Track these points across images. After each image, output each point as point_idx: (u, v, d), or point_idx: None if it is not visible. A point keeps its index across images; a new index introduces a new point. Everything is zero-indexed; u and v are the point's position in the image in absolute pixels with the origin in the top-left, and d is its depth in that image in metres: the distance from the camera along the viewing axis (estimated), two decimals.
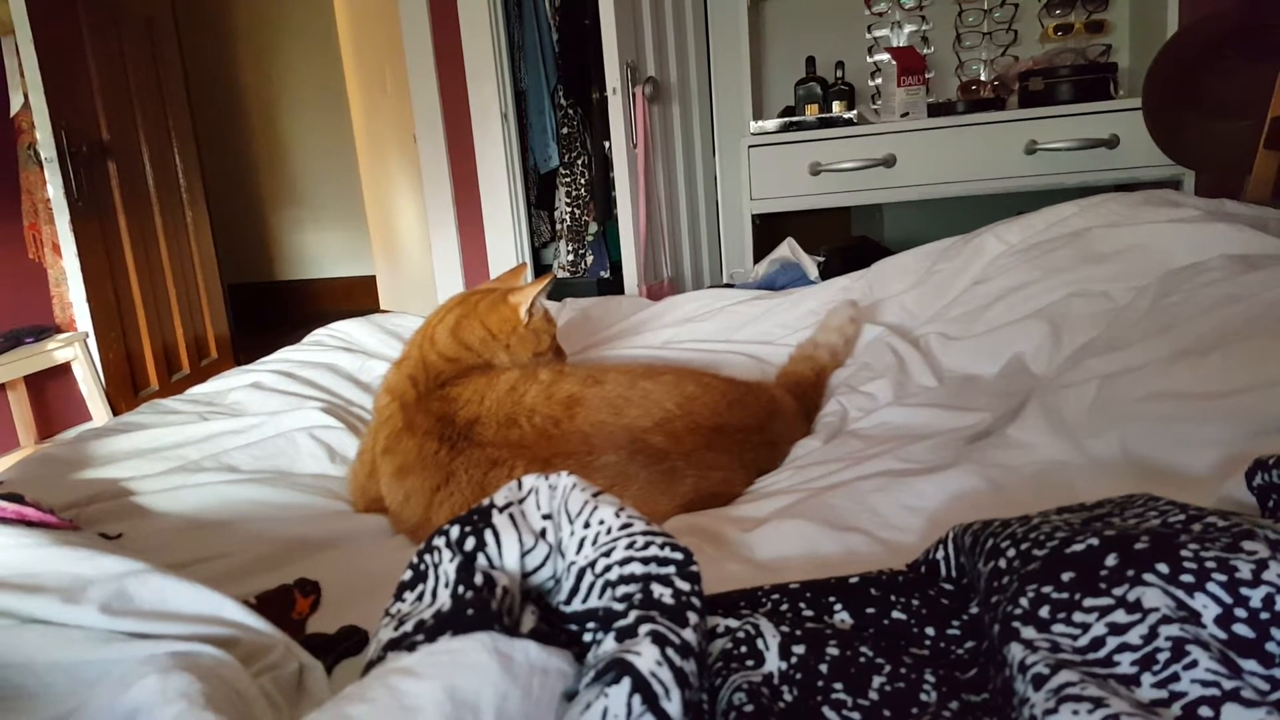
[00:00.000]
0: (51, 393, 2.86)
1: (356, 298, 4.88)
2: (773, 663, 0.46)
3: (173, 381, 3.18)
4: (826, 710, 0.44)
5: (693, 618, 0.42)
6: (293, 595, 0.71)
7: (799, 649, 0.47)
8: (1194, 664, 0.37)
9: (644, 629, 0.40)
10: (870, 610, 0.51)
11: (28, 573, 0.59)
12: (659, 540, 0.47)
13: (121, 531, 0.90)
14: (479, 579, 0.45)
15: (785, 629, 0.48)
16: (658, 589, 0.43)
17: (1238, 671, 0.37)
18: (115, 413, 2.80)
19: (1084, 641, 0.40)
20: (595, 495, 0.50)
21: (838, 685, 0.45)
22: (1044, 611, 0.42)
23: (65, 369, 2.81)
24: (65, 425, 2.88)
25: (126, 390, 2.95)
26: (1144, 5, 2.50)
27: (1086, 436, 0.78)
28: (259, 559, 0.84)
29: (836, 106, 2.51)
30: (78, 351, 2.77)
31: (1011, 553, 0.46)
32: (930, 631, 0.50)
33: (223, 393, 1.40)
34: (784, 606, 0.53)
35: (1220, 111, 1.81)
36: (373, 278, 4.30)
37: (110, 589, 0.57)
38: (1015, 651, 0.40)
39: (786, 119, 2.53)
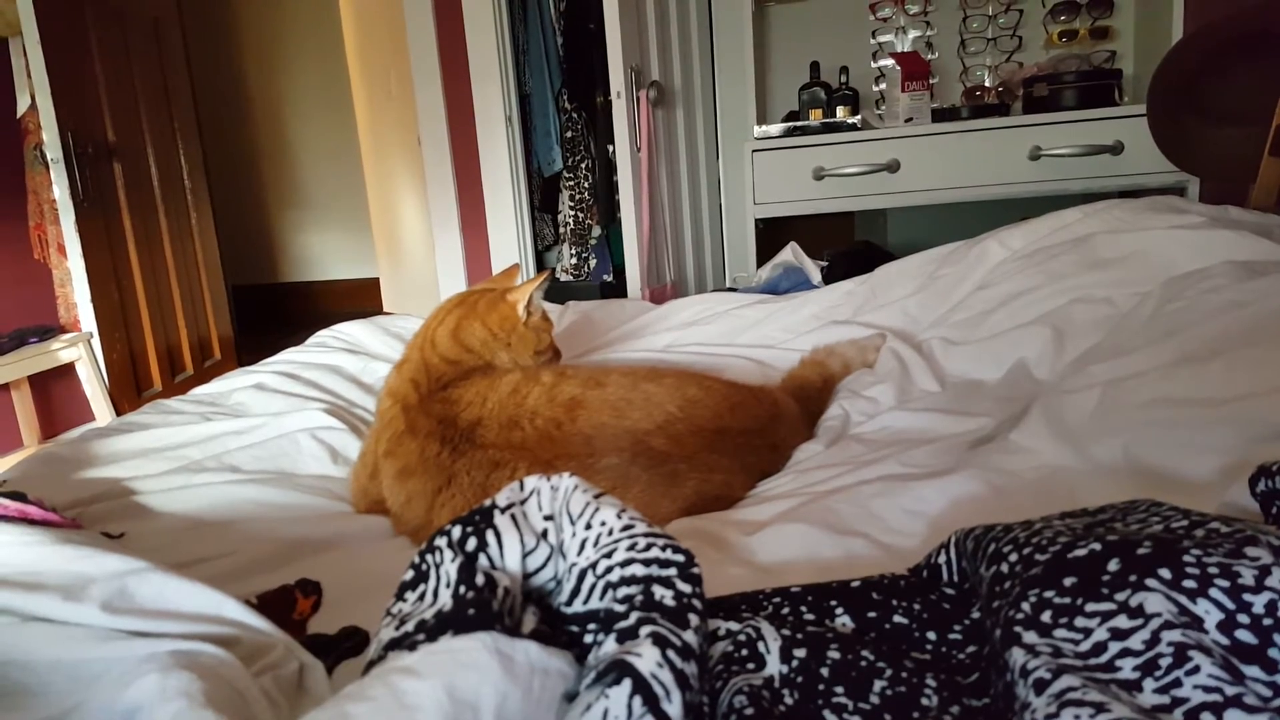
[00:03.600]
0: (55, 393, 2.87)
1: (360, 300, 4.89)
2: (774, 666, 0.46)
3: (176, 382, 3.18)
4: (827, 713, 0.44)
5: (694, 620, 0.42)
6: (294, 595, 0.71)
7: (800, 652, 0.47)
8: (1196, 670, 0.37)
9: (645, 630, 0.40)
10: (872, 614, 0.51)
11: (30, 571, 0.59)
12: (660, 542, 0.46)
13: (124, 531, 0.90)
14: (480, 579, 0.45)
15: (786, 632, 0.48)
16: (659, 591, 0.43)
17: (1240, 678, 0.37)
18: (118, 413, 2.81)
19: (1086, 646, 0.40)
20: (597, 497, 0.50)
21: (839, 689, 0.45)
22: (1046, 616, 0.42)
23: (69, 369, 2.82)
24: (69, 425, 2.88)
25: (130, 390, 2.95)
26: (1149, 12, 2.50)
27: (1089, 442, 0.78)
28: (260, 559, 0.84)
29: (840, 111, 2.51)
30: (82, 352, 2.78)
31: (1014, 557, 0.46)
32: (932, 636, 0.50)
33: (226, 393, 1.40)
34: (785, 610, 0.53)
35: (1225, 118, 1.80)
36: (376, 280, 4.30)
37: (111, 587, 0.57)
38: (1017, 656, 0.40)
39: (790, 123, 2.53)
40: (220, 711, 0.45)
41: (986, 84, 2.73)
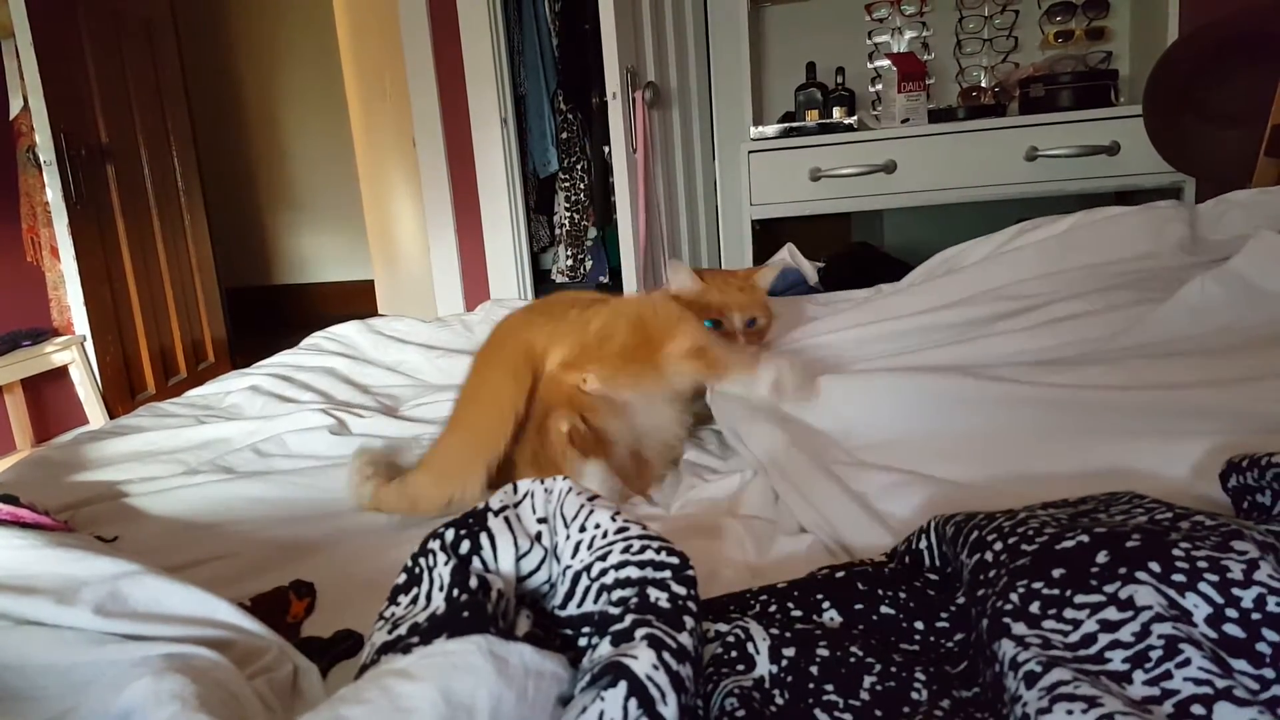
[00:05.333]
0: (49, 396, 2.86)
1: (355, 302, 4.87)
2: (763, 666, 0.46)
3: (170, 385, 3.17)
4: (818, 712, 0.44)
5: (689, 622, 0.42)
6: (288, 597, 0.71)
7: (789, 651, 0.47)
8: (1186, 662, 0.37)
9: (640, 633, 0.40)
10: (859, 606, 0.51)
11: (22, 574, 0.59)
12: (655, 544, 0.46)
13: (117, 535, 0.89)
14: (474, 582, 0.45)
15: (775, 631, 0.48)
16: (654, 593, 0.43)
17: (1229, 671, 0.37)
18: (112, 416, 2.80)
19: (1075, 638, 0.40)
20: (591, 499, 0.50)
21: (828, 686, 0.45)
22: (1035, 607, 0.42)
23: (63, 372, 2.81)
24: (62, 428, 2.87)
25: (123, 393, 2.94)
26: (1144, 12, 2.50)
27: (1063, 445, 0.78)
28: (255, 561, 0.84)
29: (837, 112, 2.51)
30: (75, 355, 2.77)
31: (999, 546, 0.46)
32: (919, 626, 0.50)
33: (220, 396, 1.40)
34: (773, 607, 0.53)
35: (1221, 119, 1.81)
36: (371, 282, 4.30)
37: (104, 590, 0.56)
38: (1006, 648, 0.40)
39: (787, 124, 2.54)
40: (214, 715, 0.44)
41: (983, 85, 2.73)
